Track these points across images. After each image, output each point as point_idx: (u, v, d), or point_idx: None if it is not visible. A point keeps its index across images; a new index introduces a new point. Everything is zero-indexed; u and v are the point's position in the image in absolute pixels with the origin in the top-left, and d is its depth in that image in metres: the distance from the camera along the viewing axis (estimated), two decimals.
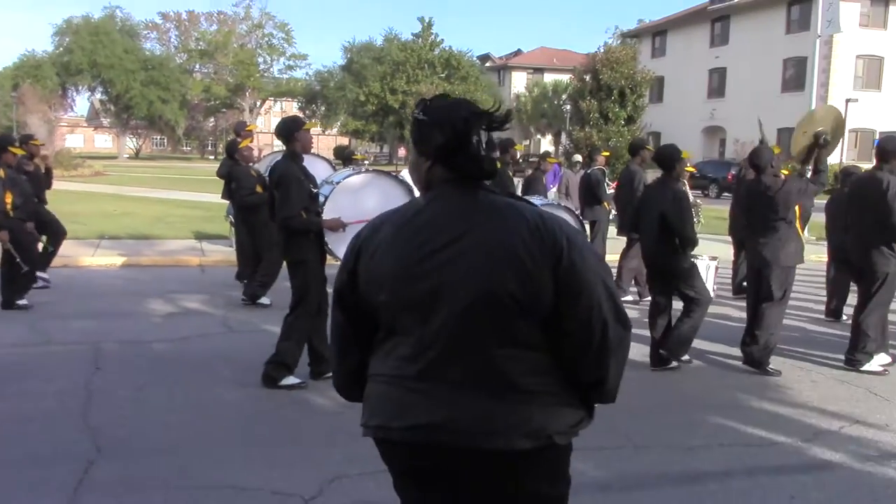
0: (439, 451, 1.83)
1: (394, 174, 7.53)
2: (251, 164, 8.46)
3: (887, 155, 6.09)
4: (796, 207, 5.98)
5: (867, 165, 6.27)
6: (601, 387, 1.89)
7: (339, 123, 62.51)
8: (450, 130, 1.86)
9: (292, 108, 70.51)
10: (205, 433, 4.48)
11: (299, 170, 5.30)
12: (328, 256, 5.56)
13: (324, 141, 75.64)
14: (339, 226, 5.54)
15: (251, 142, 8.90)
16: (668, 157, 6.13)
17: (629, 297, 8.90)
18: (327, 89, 60.11)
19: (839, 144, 7.37)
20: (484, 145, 1.89)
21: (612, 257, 11.74)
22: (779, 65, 38.12)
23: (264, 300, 8.00)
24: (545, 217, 1.86)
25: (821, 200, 8.42)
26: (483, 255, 1.80)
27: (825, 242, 8.81)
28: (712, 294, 7.36)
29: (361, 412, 1.96)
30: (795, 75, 36.23)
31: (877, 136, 31.30)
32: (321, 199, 5.64)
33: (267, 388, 5.21)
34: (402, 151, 44.94)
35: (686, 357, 6.16)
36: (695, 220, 10.54)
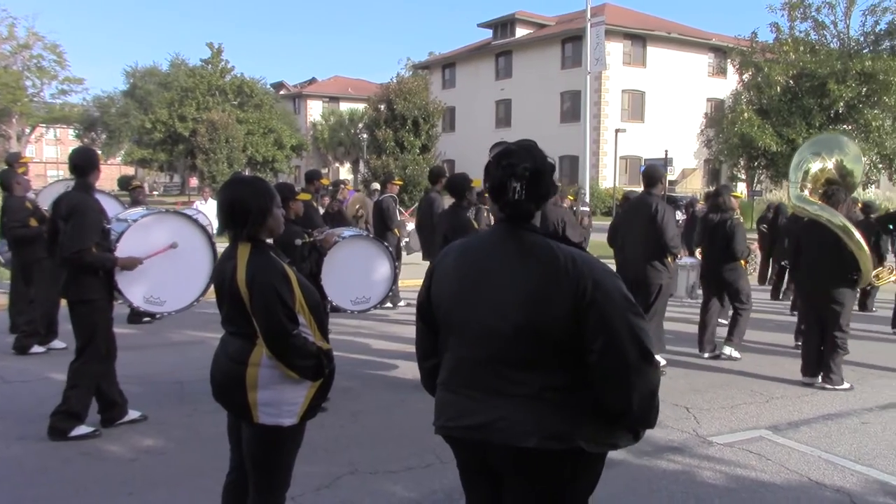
0: (484, 446, 2.12)
1: (189, 210, 7.06)
2: (27, 194, 7.71)
3: (653, 181, 6.84)
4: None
5: (636, 188, 7.00)
6: (626, 416, 2.08)
7: (122, 152, 58.54)
8: (493, 175, 2.11)
9: (68, 135, 65.18)
10: None
11: (95, 202, 4.95)
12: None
13: (106, 171, 70.19)
14: (135, 265, 5.02)
15: (26, 170, 8.16)
16: (459, 186, 6.51)
17: (390, 304, 10.07)
18: (108, 116, 55.93)
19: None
20: (522, 191, 2.07)
21: (411, 282, 12.04)
22: (557, 97, 41.23)
23: (58, 343, 7.45)
24: (576, 258, 2.05)
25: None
26: (512, 290, 2.05)
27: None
28: None
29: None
30: (572, 107, 39.16)
31: (643, 163, 34.74)
32: (113, 235, 5.13)
33: (54, 441, 4.80)
34: (193, 181, 42.76)
35: None
36: None
